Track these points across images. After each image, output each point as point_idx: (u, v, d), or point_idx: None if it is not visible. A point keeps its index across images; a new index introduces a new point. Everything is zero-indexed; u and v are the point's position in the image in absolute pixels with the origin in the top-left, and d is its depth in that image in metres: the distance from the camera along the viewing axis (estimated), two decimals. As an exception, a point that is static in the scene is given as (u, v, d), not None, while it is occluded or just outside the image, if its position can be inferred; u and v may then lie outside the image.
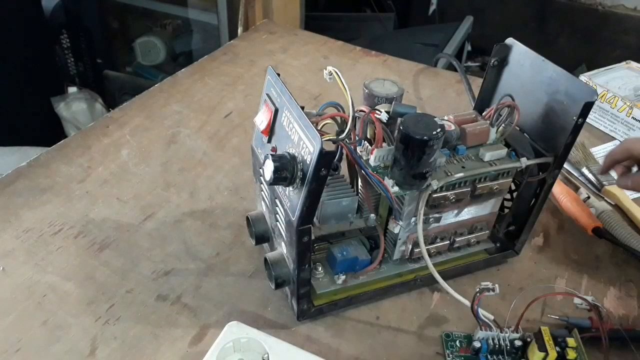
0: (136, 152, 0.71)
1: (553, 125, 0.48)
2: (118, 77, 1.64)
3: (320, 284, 0.51)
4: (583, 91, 0.45)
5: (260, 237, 0.54)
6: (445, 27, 1.68)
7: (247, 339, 0.46)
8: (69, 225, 0.60)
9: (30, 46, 1.39)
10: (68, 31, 1.56)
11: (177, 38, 1.61)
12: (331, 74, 0.44)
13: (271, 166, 0.41)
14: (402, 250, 0.53)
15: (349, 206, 0.47)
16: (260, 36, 1.03)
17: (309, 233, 0.44)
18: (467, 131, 0.49)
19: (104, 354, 0.48)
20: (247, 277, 0.55)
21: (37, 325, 0.50)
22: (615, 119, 0.80)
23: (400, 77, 0.92)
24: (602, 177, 0.70)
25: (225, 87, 0.86)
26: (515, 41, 0.52)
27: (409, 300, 0.54)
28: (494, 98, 0.55)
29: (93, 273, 0.55)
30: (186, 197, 0.65)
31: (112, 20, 1.66)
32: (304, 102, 0.43)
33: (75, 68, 1.62)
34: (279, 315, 0.52)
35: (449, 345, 0.50)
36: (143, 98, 0.82)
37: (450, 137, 0.49)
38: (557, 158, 0.49)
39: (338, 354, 0.49)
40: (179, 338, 0.49)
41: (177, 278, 0.55)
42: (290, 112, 0.43)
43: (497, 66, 0.53)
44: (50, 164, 0.68)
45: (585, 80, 0.84)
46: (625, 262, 0.60)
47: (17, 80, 1.38)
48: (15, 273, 0.54)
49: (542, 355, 0.45)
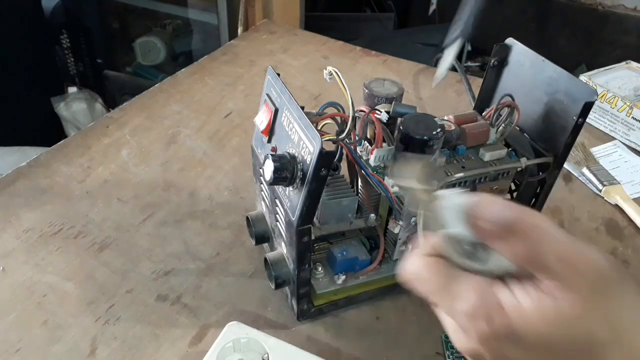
0: (136, 152, 0.71)
1: (553, 125, 0.48)
2: (118, 77, 1.64)
3: (320, 284, 0.51)
4: (583, 91, 0.45)
5: (260, 237, 0.54)
6: (445, 27, 1.68)
7: (247, 339, 0.46)
8: (69, 225, 0.60)
9: (30, 46, 1.39)
10: (68, 31, 1.56)
11: (177, 38, 1.61)
12: (331, 74, 0.44)
13: (271, 166, 0.41)
14: (402, 250, 0.53)
15: (349, 206, 0.47)
16: (260, 36, 1.03)
17: (309, 233, 0.44)
18: (467, 131, 0.49)
19: (104, 354, 0.47)
20: (247, 277, 0.55)
21: (37, 325, 0.49)
22: (615, 119, 0.80)
23: (400, 77, 0.91)
24: (605, 177, 0.70)
25: (225, 87, 0.86)
26: (515, 41, 0.52)
27: (409, 300, 0.54)
28: (494, 98, 0.55)
29: (93, 273, 0.55)
30: (186, 197, 0.65)
31: (112, 20, 1.66)
32: (304, 102, 0.43)
33: (75, 68, 1.62)
34: (279, 315, 0.52)
35: (449, 346, 0.49)
36: (143, 98, 0.82)
37: (450, 137, 0.49)
38: (557, 158, 0.49)
39: (338, 354, 0.49)
40: (179, 338, 0.49)
41: (177, 278, 0.55)
42: (290, 112, 0.43)
43: (497, 66, 0.53)
44: (50, 164, 0.68)
45: (585, 80, 0.84)
46: (625, 262, 0.60)
47: (17, 80, 1.38)
48: (15, 273, 0.54)
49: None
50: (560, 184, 0.71)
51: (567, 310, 0.23)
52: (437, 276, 0.27)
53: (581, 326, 0.23)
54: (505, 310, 0.24)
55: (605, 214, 0.67)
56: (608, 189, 0.68)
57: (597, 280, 0.23)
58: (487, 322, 0.24)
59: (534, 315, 0.24)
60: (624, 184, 0.69)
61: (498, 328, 0.24)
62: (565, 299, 0.23)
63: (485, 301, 0.25)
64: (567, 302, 0.23)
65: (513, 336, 0.24)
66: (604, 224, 0.65)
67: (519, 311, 0.24)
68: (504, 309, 0.24)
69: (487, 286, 0.25)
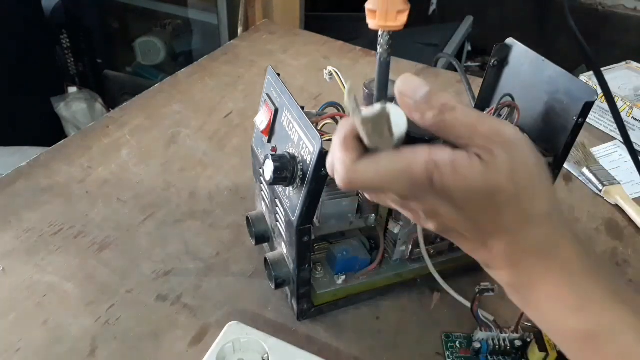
0: (136, 152, 0.71)
1: (553, 125, 0.48)
2: (118, 77, 1.65)
3: (320, 284, 0.51)
4: (583, 91, 0.45)
5: (260, 237, 0.54)
6: (445, 27, 1.68)
7: (247, 339, 0.46)
8: (69, 225, 0.60)
9: (30, 46, 1.39)
10: (68, 31, 1.56)
11: (177, 38, 1.61)
12: (331, 74, 0.44)
13: (271, 166, 0.41)
14: (402, 250, 0.53)
15: (349, 206, 0.47)
16: (260, 36, 1.03)
17: (309, 233, 0.44)
18: (467, 131, 0.49)
19: (104, 354, 0.47)
20: (247, 277, 0.55)
21: (37, 325, 0.49)
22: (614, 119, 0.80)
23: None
24: (605, 177, 0.70)
25: (225, 87, 0.86)
26: (515, 41, 0.52)
27: (409, 300, 0.54)
28: (494, 98, 0.55)
29: (93, 273, 0.55)
30: (186, 197, 0.65)
31: (112, 20, 1.66)
32: (304, 102, 0.43)
33: (75, 68, 1.62)
34: (279, 315, 0.52)
35: (449, 346, 0.49)
36: (143, 98, 0.82)
37: (450, 137, 0.49)
38: (557, 158, 0.49)
39: (338, 354, 0.49)
40: (179, 338, 0.49)
41: (177, 278, 0.55)
42: (290, 112, 0.43)
43: (497, 66, 0.53)
44: (50, 164, 0.68)
45: (585, 80, 0.84)
46: (625, 262, 0.60)
47: (17, 80, 1.38)
48: (15, 273, 0.54)
49: (542, 356, 0.45)
50: (560, 184, 0.71)
51: (492, 167, 0.28)
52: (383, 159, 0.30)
53: (499, 180, 0.29)
54: (441, 167, 0.29)
55: (605, 214, 0.67)
56: (608, 189, 0.68)
57: (509, 147, 0.29)
58: (430, 176, 0.29)
59: (466, 170, 0.28)
60: (624, 184, 0.69)
61: (436, 182, 0.29)
62: (489, 160, 0.28)
63: (430, 159, 0.29)
64: (490, 164, 0.28)
65: (445, 190, 0.29)
66: (604, 224, 0.65)
67: (453, 167, 0.28)
68: (440, 167, 0.29)
69: (428, 151, 0.29)
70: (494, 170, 0.28)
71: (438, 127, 0.30)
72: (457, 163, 0.28)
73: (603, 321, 0.30)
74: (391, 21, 0.35)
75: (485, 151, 0.28)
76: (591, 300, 0.30)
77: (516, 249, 0.31)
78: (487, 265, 0.33)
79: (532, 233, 0.30)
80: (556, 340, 0.33)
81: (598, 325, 0.30)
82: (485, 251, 0.32)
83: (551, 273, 0.30)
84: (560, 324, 0.31)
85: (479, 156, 0.28)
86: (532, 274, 0.31)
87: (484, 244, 0.31)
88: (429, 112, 0.29)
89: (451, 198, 0.29)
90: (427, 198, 0.30)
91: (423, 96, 0.30)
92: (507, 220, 0.30)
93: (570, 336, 0.31)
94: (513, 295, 0.33)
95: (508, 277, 0.32)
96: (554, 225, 0.31)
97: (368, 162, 0.30)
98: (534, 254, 0.30)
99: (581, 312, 0.30)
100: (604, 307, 0.30)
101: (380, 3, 0.35)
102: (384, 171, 0.29)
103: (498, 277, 0.33)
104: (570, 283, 0.30)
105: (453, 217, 0.30)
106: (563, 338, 0.32)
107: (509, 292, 0.33)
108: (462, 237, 0.32)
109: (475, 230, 0.31)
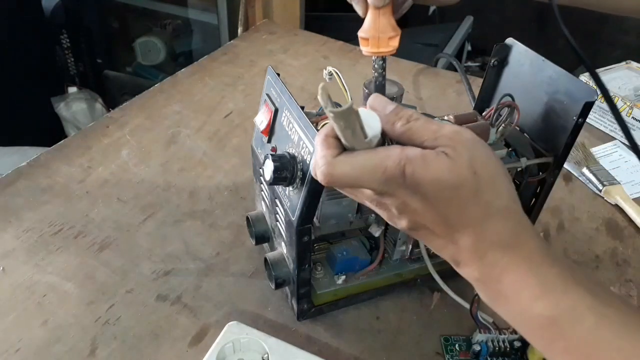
0: (136, 152, 0.71)
1: (553, 125, 0.48)
2: (118, 77, 1.64)
3: (320, 284, 0.51)
4: (583, 91, 0.45)
5: (260, 237, 0.54)
6: (445, 27, 1.68)
7: (247, 339, 0.46)
8: (69, 225, 0.60)
9: (30, 46, 1.39)
10: (68, 31, 1.56)
11: (177, 38, 1.61)
12: (331, 74, 0.44)
13: (271, 166, 0.41)
14: (402, 250, 0.53)
15: (349, 206, 0.47)
16: (260, 36, 1.03)
17: (309, 233, 0.44)
18: (467, 131, 0.49)
19: (104, 354, 0.47)
20: (247, 277, 0.55)
21: (37, 325, 0.49)
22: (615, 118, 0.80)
23: (400, 77, 0.91)
24: (605, 177, 0.70)
25: (225, 87, 0.86)
26: (515, 41, 0.52)
27: (409, 300, 0.54)
28: (494, 98, 0.55)
29: (93, 273, 0.55)
30: (186, 197, 0.65)
31: (112, 20, 1.66)
32: (304, 102, 0.43)
33: (75, 68, 1.62)
34: (279, 315, 0.52)
35: (448, 349, 0.49)
36: (143, 98, 0.82)
37: (450, 137, 0.49)
38: (557, 158, 0.49)
39: (338, 354, 0.49)
40: (179, 338, 0.49)
41: (177, 278, 0.55)
42: (290, 112, 0.43)
43: (497, 66, 0.53)
44: (50, 164, 0.68)
45: (585, 80, 0.84)
46: (625, 262, 0.60)
47: (17, 80, 1.38)
48: (15, 273, 0.54)
49: (542, 356, 0.45)
50: (560, 184, 0.71)
51: (456, 162, 0.31)
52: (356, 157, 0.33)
53: (464, 173, 0.31)
54: (412, 161, 0.31)
55: (605, 214, 0.67)
56: (608, 189, 0.68)
57: (469, 145, 0.32)
58: (401, 169, 0.31)
59: (434, 163, 0.31)
60: (624, 184, 0.69)
61: (408, 174, 0.31)
62: (453, 156, 0.31)
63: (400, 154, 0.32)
64: (455, 159, 0.31)
65: (414, 184, 0.31)
66: (604, 224, 0.65)
67: (423, 160, 0.31)
68: (412, 160, 0.31)
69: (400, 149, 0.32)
70: (459, 164, 0.31)
71: (406, 136, 0.33)
72: (427, 157, 0.31)
73: (564, 305, 0.31)
74: (383, 47, 0.37)
75: (450, 148, 0.31)
76: (554, 285, 0.32)
77: (482, 242, 0.33)
78: (457, 262, 0.35)
79: (496, 226, 0.32)
80: (525, 332, 0.34)
81: (560, 309, 0.31)
82: (453, 247, 0.34)
83: (516, 264, 0.32)
84: (527, 313, 0.33)
85: (445, 153, 0.31)
86: (498, 266, 0.33)
87: (452, 239, 0.33)
88: (398, 122, 0.33)
89: (422, 191, 0.31)
90: (399, 192, 0.32)
91: (392, 110, 0.33)
92: (472, 212, 0.32)
93: (536, 324, 0.32)
94: (482, 290, 0.35)
95: (476, 271, 0.34)
96: (515, 218, 0.33)
97: (345, 157, 0.32)
98: (499, 246, 0.32)
99: (545, 298, 0.32)
100: (565, 290, 0.32)
101: (372, 31, 0.36)
102: (359, 166, 0.32)
103: (467, 274, 0.35)
104: (534, 273, 0.32)
105: (423, 211, 0.32)
106: (531, 328, 0.33)
107: (478, 288, 0.35)
108: (432, 234, 0.34)
109: (444, 224, 0.33)
